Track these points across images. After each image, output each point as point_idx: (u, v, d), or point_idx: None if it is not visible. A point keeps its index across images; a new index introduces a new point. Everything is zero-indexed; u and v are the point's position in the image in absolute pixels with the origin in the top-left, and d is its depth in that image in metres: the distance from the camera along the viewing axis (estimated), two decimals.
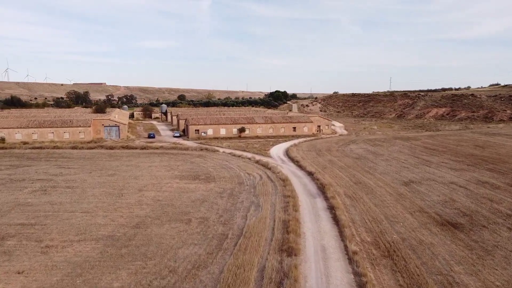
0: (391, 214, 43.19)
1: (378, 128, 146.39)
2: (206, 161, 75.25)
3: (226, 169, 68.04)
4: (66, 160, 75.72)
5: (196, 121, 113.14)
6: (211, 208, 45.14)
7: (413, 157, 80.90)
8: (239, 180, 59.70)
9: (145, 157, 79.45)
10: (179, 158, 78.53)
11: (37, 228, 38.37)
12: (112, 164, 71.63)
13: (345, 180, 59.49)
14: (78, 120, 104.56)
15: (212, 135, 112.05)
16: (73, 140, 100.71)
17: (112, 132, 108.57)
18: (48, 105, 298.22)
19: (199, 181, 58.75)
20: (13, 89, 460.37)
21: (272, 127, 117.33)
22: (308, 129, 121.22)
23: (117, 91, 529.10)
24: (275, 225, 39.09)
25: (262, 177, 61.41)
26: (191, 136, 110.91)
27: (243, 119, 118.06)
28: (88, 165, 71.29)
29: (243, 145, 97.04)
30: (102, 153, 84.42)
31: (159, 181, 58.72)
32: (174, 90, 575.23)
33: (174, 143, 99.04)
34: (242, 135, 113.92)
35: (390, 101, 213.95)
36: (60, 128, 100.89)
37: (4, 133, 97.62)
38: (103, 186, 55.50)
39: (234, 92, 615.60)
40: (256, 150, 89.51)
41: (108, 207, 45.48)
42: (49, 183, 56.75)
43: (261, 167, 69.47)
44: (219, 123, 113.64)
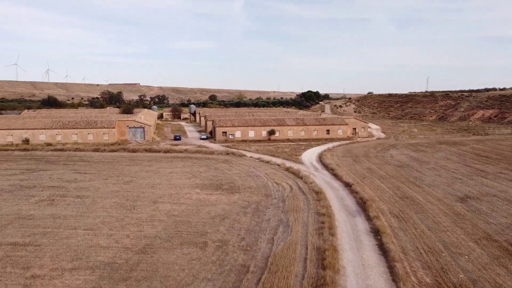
0: (451, 242, 34.96)
1: (418, 131, 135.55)
2: (231, 168, 68.79)
3: (253, 177, 61.26)
4: (84, 164, 71.28)
5: (223, 122, 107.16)
6: (232, 228, 38.42)
7: (463, 165, 71.27)
8: (266, 191, 52.75)
9: (167, 162, 73.94)
10: (203, 164, 72.47)
11: (29, 250, 32.88)
12: (131, 170, 66.43)
13: (388, 194, 51.32)
14: (103, 121, 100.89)
15: (240, 138, 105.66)
16: (96, 142, 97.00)
17: (137, 134, 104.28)
18: (83, 105, 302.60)
19: (221, 192, 52.26)
20: (52, 90, 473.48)
21: (304, 130, 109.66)
22: (343, 132, 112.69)
23: (150, 91, 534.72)
24: (308, 255, 31.85)
25: (292, 188, 54.18)
26: (218, 138, 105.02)
27: (273, 121, 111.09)
28: (106, 170, 66.42)
29: (272, 149, 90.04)
30: (124, 157, 79.69)
31: (178, 191, 52.67)
32: (206, 91, 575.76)
33: (199, 146, 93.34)
34: (271, 138, 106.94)
35: (430, 102, 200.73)
36: (84, 129, 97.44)
37: (29, 134, 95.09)
38: (116, 196, 49.98)
39: (265, 92, 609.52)
40: (286, 155, 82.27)
41: (115, 223, 39.66)
42: (59, 191, 51.86)
43: (291, 176, 62.23)
44: (247, 125, 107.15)
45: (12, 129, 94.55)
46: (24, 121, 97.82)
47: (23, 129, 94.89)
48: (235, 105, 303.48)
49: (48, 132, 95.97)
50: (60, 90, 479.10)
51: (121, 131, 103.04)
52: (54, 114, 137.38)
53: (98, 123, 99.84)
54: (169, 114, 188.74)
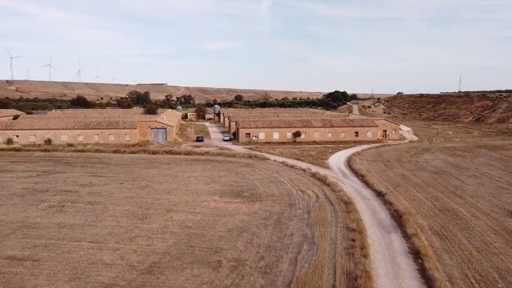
0: (507, 269, 29.58)
1: (453, 133, 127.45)
2: (253, 172, 64.66)
3: (276, 183, 56.91)
4: (102, 167, 68.83)
5: (247, 123, 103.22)
6: (251, 244, 34.24)
7: (508, 173, 64.56)
8: (290, 200, 48.31)
9: (187, 165, 70.57)
10: (224, 167, 68.67)
11: (26, 266, 29.76)
12: (149, 173, 63.36)
13: (426, 206, 45.88)
14: (124, 121, 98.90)
15: (264, 140, 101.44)
16: (118, 143, 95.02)
17: (159, 135, 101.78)
18: (111, 105, 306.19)
19: (241, 200, 48.19)
20: (82, 90, 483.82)
21: (331, 132, 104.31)
22: (373, 134, 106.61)
23: (177, 91, 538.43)
24: (336, 282, 27.28)
25: (318, 197, 49.49)
26: (241, 140, 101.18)
27: (298, 122, 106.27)
28: (123, 173, 63.61)
29: (297, 152, 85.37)
30: (143, 159, 76.93)
31: (195, 198, 48.96)
32: (232, 91, 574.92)
33: (221, 149, 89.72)
34: (297, 140, 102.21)
35: (465, 102, 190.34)
36: (106, 129, 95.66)
37: (51, 134, 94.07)
38: (129, 202, 46.74)
39: (291, 93, 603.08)
40: (312, 159, 77.42)
41: (123, 234, 36.22)
42: (71, 196, 49.13)
43: (317, 183, 57.49)
44: (272, 126, 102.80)
45: (35, 129, 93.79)
46: (47, 121, 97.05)
47: (45, 129, 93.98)
48: (260, 105, 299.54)
49: (70, 133, 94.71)
50: (90, 90, 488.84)
51: (143, 131, 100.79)
52: (79, 114, 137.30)
53: (120, 123, 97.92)
54: (194, 115, 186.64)
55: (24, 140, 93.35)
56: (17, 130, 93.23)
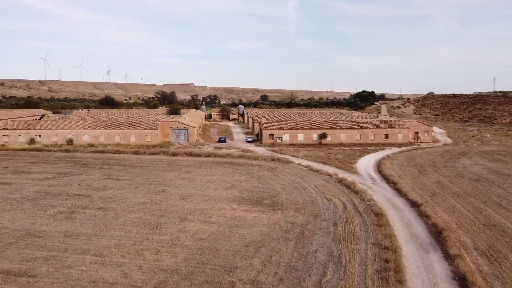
0: None
1: (491, 136, 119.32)
2: (276, 177, 60.77)
3: (299, 190, 52.81)
4: (119, 169, 66.57)
5: (270, 124, 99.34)
6: (269, 262, 30.40)
7: None
8: (314, 209, 44.15)
9: (207, 168, 67.40)
10: (245, 171, 65.08)
11: (21, 283, 27.02)
12: (166, 177, 60.53)
13: (468, 219, 40.74)
14: (146, 122, 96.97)
15: (288, 141, 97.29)
16: (139, 144, 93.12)
17: (181, 136, 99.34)
18: (138, 104, 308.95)
19: (261, 208, 44.42)
20: (111, 89, 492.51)
21: (359, 133, 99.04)
22: (404, 136, 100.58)
23: (203, 91, 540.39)
24: None
25: (346, 206, 45.11)
26: (264, 141, 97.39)
27: (324, 123, 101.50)
28: (140, 176, 61.03)
29: (323, 155, 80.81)
30: (162, 161, 74.32)
31: (212, 205, 45.54)
32: (258, 91, 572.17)
33: (243, 151, 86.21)
34: (323, 142, 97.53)
35: (503, 103, 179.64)
36: (127, 130, 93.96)
37: (72, 135, 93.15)
38: (142, 209, 43.80)
39: (318, 93, 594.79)
40: (339, 163, 72.77)
41: (131, 247, 33.12)
42: (82, 201, 46.68)
43: (345, 190, 53.01)
44: (296, 127, 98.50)
45: (57, 129, 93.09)
46: (69, 122, 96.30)
47: (67, 129, 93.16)
48: (286, 106, 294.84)
49: (91, 133, 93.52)
50: (118, 90, 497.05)
51: (164, 132, 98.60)
52: (103, 113, 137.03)
53: (141, 124, 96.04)
54: (218, 115, 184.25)
55: (47, 140, 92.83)
56: (39, 130, 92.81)
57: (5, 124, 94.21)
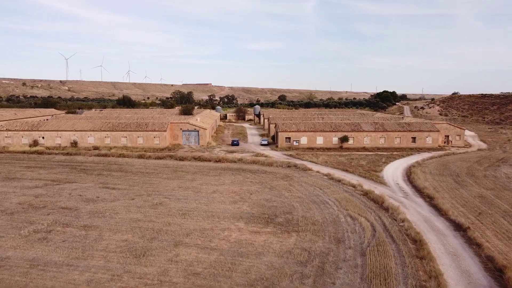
0: None
1: None
2: (291, 187, 53.22)
3: (318, 205, 45.12)
4: (119, 176, 60.17)
5: (287, 126, 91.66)
6: None
7: None
8: (336, 231, 36.46)
9: (215, 175, 60.37)
10: (257, 180, 57.73)
11: None
12: (168, 186, 53.72)
13: None
14: (154, 123, 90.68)
15: (306, 145, 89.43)
16: (147, 146, 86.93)
17: (191, 138, 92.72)
18: (155, 104, 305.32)
19: (273, 229, 37.02)
20: (130, 89, 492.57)
21: (383, 137, 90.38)
22: (433, 140, 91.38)
23: (221, 91, 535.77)
24: None
25: (375, 228, 37.26)
26: (280, 144, 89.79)
27: (345, 125, 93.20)
28: (140, 184, 54.42)
29: (344, 161, 72.73)
30: (167, 166, 67.63)
31: (215, 224, 38.39)
32: (276, 91, 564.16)
33: (257, 155, 78.84)
34: (344, 146, 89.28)
35: None
36: (134, 132, 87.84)
37: (77, 136, 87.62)
38: (132, 228, 36.97)
39: (337, 93, 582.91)
40: (363, 170, 64.64)
41: (105, 284, 26.20)
42: (66, 217, 40.19)
43: (372, 205, 45.03)
44: (315, 129, 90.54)
45: (61, 131, 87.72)
46: (74, 123, 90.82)
47: (71, 130, 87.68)
48: (304, 106, 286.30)
49: (97, 135, 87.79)
50: (137, 90, 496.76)
51: (174, 134, 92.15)
52: (114, 114, 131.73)
53: (149, 125, 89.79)
54: (233, 115, 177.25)
55: (50, 142, 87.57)
56: (43, 132, 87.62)
57: (8, 125, 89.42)
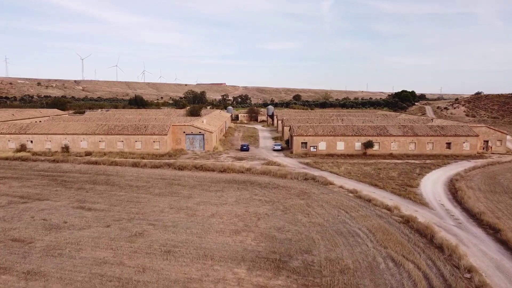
0: None
1: None
2: (310, 209, 42.09)
3: (346, 238, 33.89)
4: (102, 191, 49.91)
5: (303, 130, 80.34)
6: None
7: None
8: (376, 286, 25.24)
9: (217, 190, 49.62)
10: (267, 197, 46.75)
11: None
12: (158, 206, 43.19)
13: None
14: (154, 126, 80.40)
15: (325, 151, 77.99)
16: (145, 152, 76.80)
17: (196, 142, 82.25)
18: (168, 104, 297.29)
19: (286, 281, 26.02)
20: (144, 89, 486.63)
21: (414, 142, 78.26)
22: (471, 146, 78.85)
23: (235, 91, 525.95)
24: None
25: (430, 283, 25.86)
26: (295, 150, 78.54)
27: (370, 129, 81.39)
28: (123, 203, 44.02)
29: (371, 172, 61.19)
30: (163, 178, 57.15)
31: (205, 270, 27.58)
32: (291, 90, 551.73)
33: (268, 163, 67.86)
34: (368, 152, 77.56)
35: None
36: (131, 135, 77.76)
37: (68, 140, 78.03)
38: (89, 279, 26.43)
39: (353, 92, 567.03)
40: (395, 185, 53.01)
41: None
42: (11, 256, 29.91)
43: (418, 240, 33.53)
44: (335, 133, 78.97)
45: (51, 134, 78.25)
46: (65, 125, 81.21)
47: (62, 134, 78.12)
48: (320, 106, 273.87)
49: (90, 139, 78.00)
50: (151, 90, 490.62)
51: (176, 138, 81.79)
52: (117, 114, 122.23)
53: (149, 128, 79.59)
54: (245, 116, 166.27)
55: (39, 146, 78.18)
56: (31, 135, 78.29)
57: None
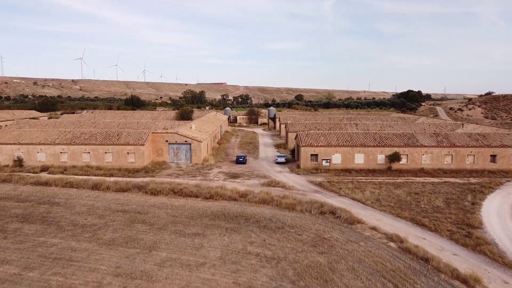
0: None
1: None
2: (334, 278, 25.97)
3: None
4: (28, 235, 33.87)
5: (313, 139, 64.13)
6: None
7: None
8: None
9: (194, 236, 33.51)
10: (269, 249, 30.60)
11: None
12: (97, 273, 27.14)
13: None
14: (129, 134, 64.27)
15: (340, 165, 61.84)
16: (117, 165, 60.84)
17: (181, 153, 66.19)
18: (166, 105, 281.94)
19: None
20: (143, 89, 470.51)
21: (450, 154, 62.06)
22: None
23: (236, 90, 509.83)
24: None
25: None
26: (303, 164, 62.39)
27: (395, 137, 65.12)
28: (45, 265, 28.00)
29: (407, 199, 45.01)
30: (126, 211, 40.99)
31: None
32: (292, 90, 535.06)
33: (270, 183, 51.68)
34: (393, 167, 61.41)
35: None
36: (100, 146, 61.73)
37: (22, 152, 62.06)
38: None
39: (355, 92, 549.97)
40: (449, 223, 36.76)
41: None
42: None
43: None
44: (352, 143, 62.77)
45: (1, 144, 62.23)
46: (20, 133, 65.18)
47: (14, 144, 62.13)
48: (323, 106, 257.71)
49: (49, 149, 61.99)
50: (150, 90, 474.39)
51: (157, 148, 65.74)
52: (98, 117, 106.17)
53: (122, 136, 63.46)
54: (244, 118, 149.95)
55: None
56: None
57: None
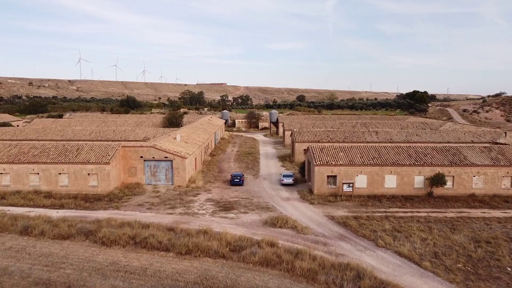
0: None
1: None
2: None
3: None
4: None
5: (329, 155, 48.74)
6: None
7: None
8: None
9: None
10: None
11: None
12: None
13: None
14: (92, 148, 49.00)
15: (366, 190, 46.55)
16: (75, 190, 45.69)
17: (160, 173, 50.93)
18: (162, 106, 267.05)
19: None
20: (141, 89, 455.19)
21: (509, 176, 46.84)
22: None
23: (236, 91, 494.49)
24: None
25: None
26: (317, 188, 47.04)
27: (436, 154, 49.78)
28: None
29: (477, 252, 29.82)
30: (50, 282, 25.75)
31: None
32: (293, 90, 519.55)
33: (275, 222, 36.37)
34: (435, 192, 46.14)
35: None
36: (53, 164, 46.46)
37: None
38: None
39: (356, 93, 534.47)
40: None
41: None
42: None
43: None
44: (381, 162, 47.45)
45: None
46: None
47: None
48: (327, 107, 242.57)
49: None
50: (149, 90, 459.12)
51: (130, 166, 50.47)
52: (73, 122, 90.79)
53: (83, 152, 48.15)
54: (243, 122, 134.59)
55: None
56: None
57: None
